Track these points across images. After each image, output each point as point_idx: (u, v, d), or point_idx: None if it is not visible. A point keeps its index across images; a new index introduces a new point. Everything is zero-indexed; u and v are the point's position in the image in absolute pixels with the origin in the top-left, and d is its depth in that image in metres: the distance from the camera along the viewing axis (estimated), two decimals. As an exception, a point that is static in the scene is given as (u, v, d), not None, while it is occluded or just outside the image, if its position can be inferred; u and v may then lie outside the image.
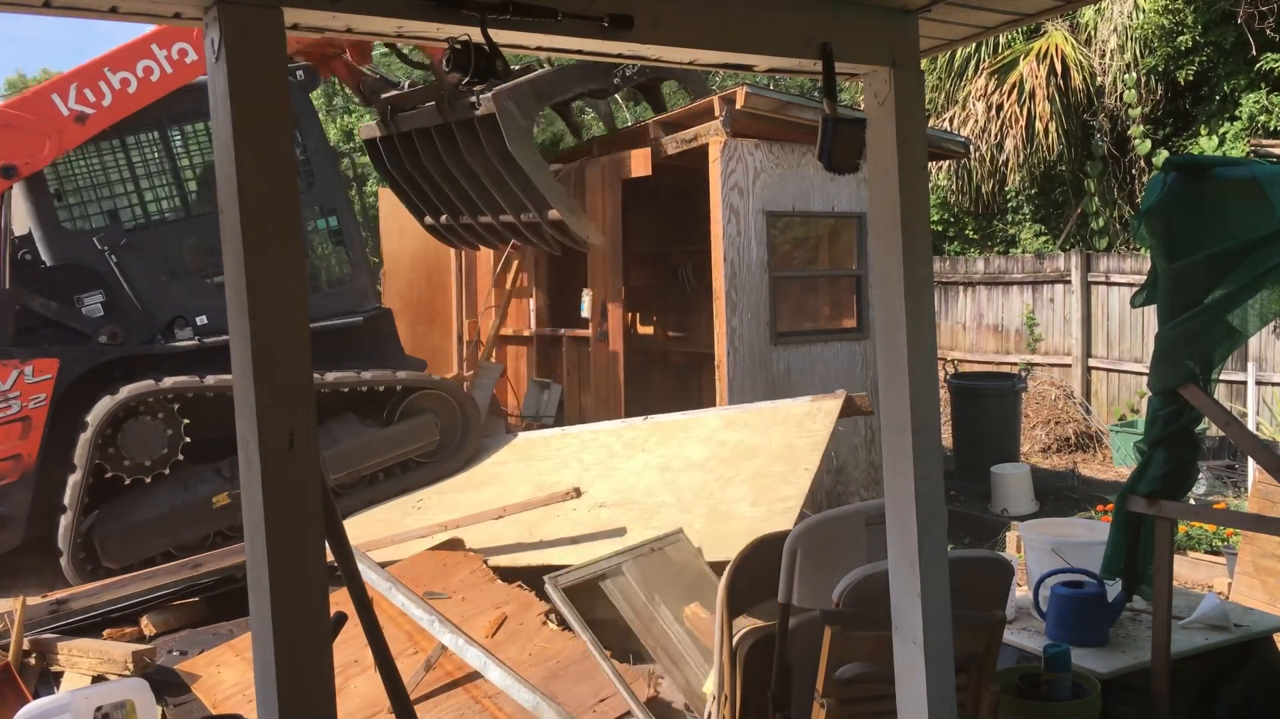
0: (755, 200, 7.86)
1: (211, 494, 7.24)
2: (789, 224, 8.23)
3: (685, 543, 5.36)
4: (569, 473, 6.83)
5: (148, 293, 7.54)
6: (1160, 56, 12.06)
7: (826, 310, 8.60)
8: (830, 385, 8.01)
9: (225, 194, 1.88)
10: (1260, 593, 6.18)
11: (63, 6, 1.99)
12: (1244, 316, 3.65)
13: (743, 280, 7.81)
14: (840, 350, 8.29)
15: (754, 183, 7.86)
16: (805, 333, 8.23)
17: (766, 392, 7.81)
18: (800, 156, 8.05)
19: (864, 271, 8.39)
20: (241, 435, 1.90)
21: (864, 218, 8.25)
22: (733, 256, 7.77)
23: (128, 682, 5.07)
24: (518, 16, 2.07)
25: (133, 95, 7.29)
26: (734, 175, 7.78)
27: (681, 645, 4.66)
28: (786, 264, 8.21)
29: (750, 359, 7.84)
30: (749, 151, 7.83)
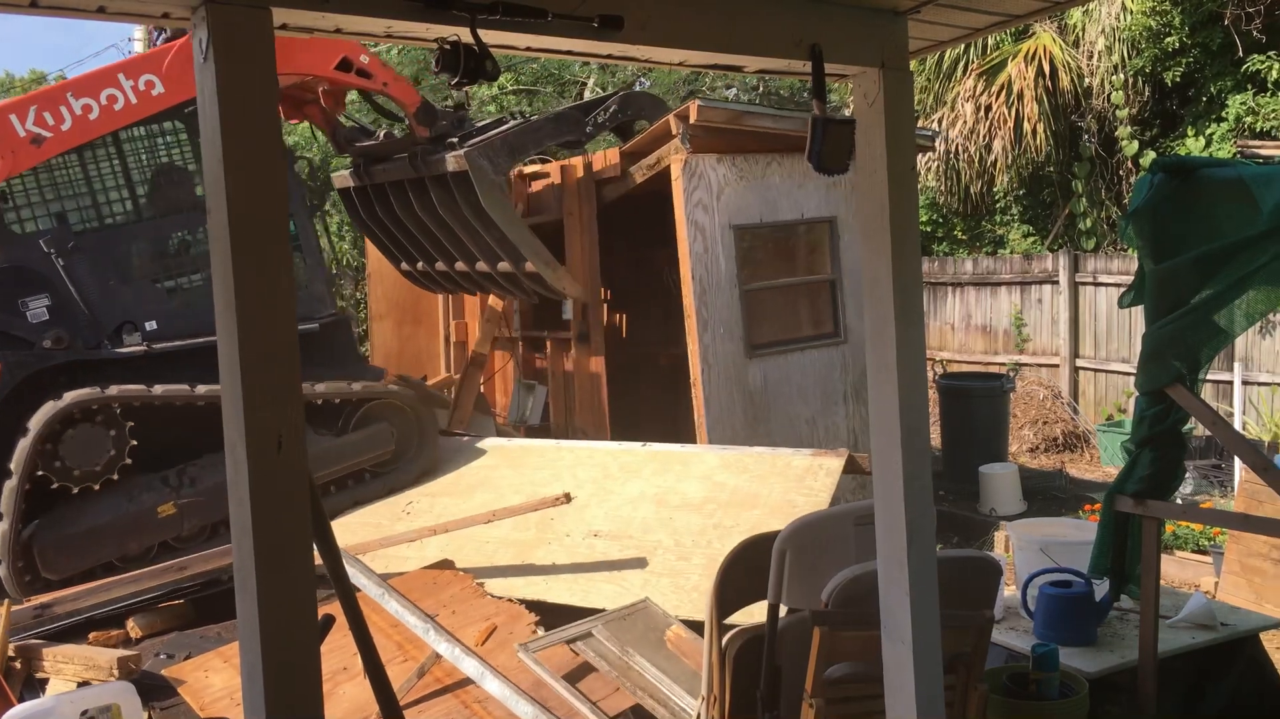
0: (721, 215, 7.72)
1: (156, 504, 7.03)
2: (758, 235, 8.08)
3: (653, 609, 5.37)
4: (562, 487, 6.72)
5: (95, 297, 7.34)
6: (1147, 58, 12.11)
7: (802, 318, 8.44)
8: (810, 395, 8.02)
9: (213, 194, 1.88)
10: (1247, 592, 6.21)
11: (50, 6, 1.98)
12: (1230, 317, 3.67)
13: (713, 296, 7.69)
14: (818, 358, 8.19)
15: (718, 198, 7.72)
16: (781, 343, 8.06)
17: (744, 405, 7.72)
18: (765, 167, 7.91)
19: (838, 276, 8.23)
20: (229, 437, 1.89)
21: (835, 222, 8.15)
22: (701, 273, 7.65)
23: (113, 685, 5.05)
24: (507, 17, 2.06)
25: (94, 122, 7.19)
26: (697, 192, 7.64)
27: (660, 684, 4.67)
28: (758, 275, 8.04)
29: (725, 374, 7.73)
30: (711, 167, 7.69)
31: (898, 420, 2.63)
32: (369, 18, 2.02)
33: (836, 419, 8.16)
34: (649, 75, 19.79)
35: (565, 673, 4.77)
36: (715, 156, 7.72)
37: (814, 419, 8.06)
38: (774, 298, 8.19)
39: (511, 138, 7.81)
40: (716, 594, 3.43)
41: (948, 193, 13.83)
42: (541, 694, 4.65)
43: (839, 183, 8.02)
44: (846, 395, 8.21)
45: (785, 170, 7.96)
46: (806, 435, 7.94)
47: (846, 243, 8.19)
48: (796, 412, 7.99)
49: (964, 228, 14.54)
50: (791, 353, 8.05)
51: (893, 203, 2.62)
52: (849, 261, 8.16)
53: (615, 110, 8.47)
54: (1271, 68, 11.18)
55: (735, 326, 7.77)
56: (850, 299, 8.18)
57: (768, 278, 8.10)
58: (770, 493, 6.10)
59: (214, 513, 7.20)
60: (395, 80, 8.23)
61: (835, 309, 8.27)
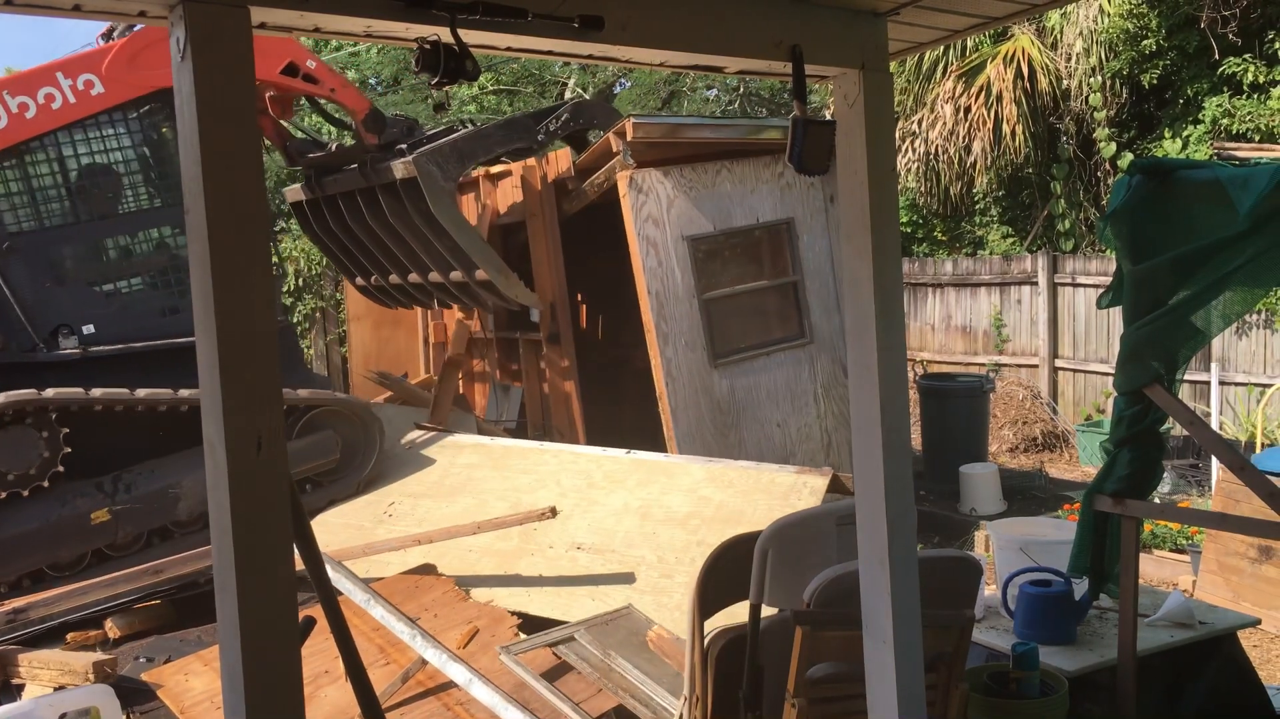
0: (673, 227, 7.65)
1: (90, 510, 6.92)
2: (714, 244, 7.98)
3: (635, 614, 5.36)
4: (546, 494, 6.69)
5: (31, 299, 7.27)
6: (1124, 60, 12.19)
7: (766, 323, 8.31)
8: (779, 398, 7.97)
9: (190, 193, 1.86)
10: (1224, 590, 6.26)
11: (25, 4, 1.96)
12: (1208, 318, 3.69)
13: (671, 310, 7.60)
14: (785, 360, 8.12)
15: (669, 210, 7.65)
16: (746, 349, 7.99)
17: (712, 416, 7.67)
18: (715, 175, 7.84)
19: (800, 278, 8.18)
20: (208, 438, 1.88)
21: (793, 223, 8.11)
22: (656, 288, 7.56)
23: (92, 688, 5.01)
24: (487, 17, 2.06)
25: (30, 120, 7.15)
26: (646, 207, 7.56)
27: (643, 685, 4.66)
28: (716, 284, 7.94)
29: (691, 387, 7.65)
30: (658, 181, 7.60)
31: (879, 420, 2.63)
32: (348, 17, 2.01)
33: (808, 420, 8.14)
34: (630, 76, 19.79)
35: (546, 675, 4.76)
36: (662, 170, 7.63)
37: (785, 422, 8.02)
38: (735, 305, 8.10)
39: (461, 144, 7.74)
40: (698, 594, 3.43)
41: (928, 194, 13.88)
42: (524, 696, 4.65)
43: (794, 184, 8.04)
44: (817, 396, 8.18)
45: (736, 177, 7.93)
46: (779, 439, 7.91)
47: (807, 243, 8.15)
48: (767, 416, 7.95)
49: (944, 229, 14.60)
50: (758, 358, 8.00)
51: (873, 204, 2.63)
52: (810, 262, 8.15)
53: (567, 119, 8.40)
54: (1247, 70, 11.27)
55: (697, 337, 7.69)
56: (814, 299, 8.16)
57: (727, 285, 8.02)
58: (755, 510, 6.05)
59: (150, 520, 7.13)
60: (343, 86, 8.16)
61: (799, 310, 8.22)
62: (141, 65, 7.51)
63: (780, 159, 7.97)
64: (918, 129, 13.52)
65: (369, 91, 22.22)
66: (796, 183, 8.06)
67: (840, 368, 8.19)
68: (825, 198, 8.15)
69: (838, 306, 8.12)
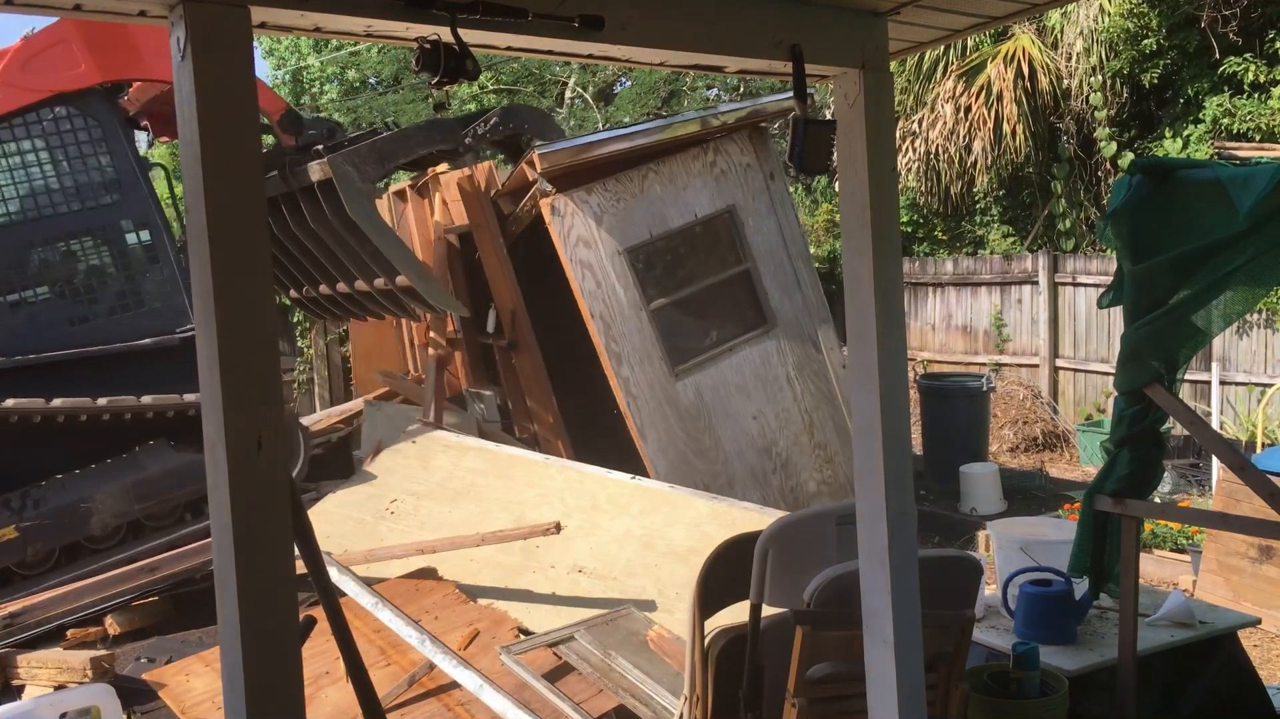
0: (606, 244, 7.36)
1: None
2: (653, 250, 7.65)
3: (635, 614, 5.35)
4: (549, 510, 6.60)
5: None
6: (1125, 60, 12.18)
7: (724, 317, 8.00)
8: (751, 390, 7.77)
9: (191, 193, 1.86)
10: (1225, 590, 6.26)
11: (25, 4, 1.96)
12: (1208, 317, 3.69)
13: (619, 328, 7.34)
14: (750, 351, 7.80)
15: (599, 228, 7.36)
16: (706, 351, 7.72)
17: (682, 426, 7.46)
18: (641, 180, 7.51)
19: (751, 264, 7.85)
20: (208, 436, 1.88)
21: (734, 210, 7.80)
22: (600, 310, 7.30)
23: (93, 687, 5.02)
24: (487, 16, 2.06)
25: None
26: (574, 231, 7.29)
27: (643, 684, 4.66)
28: (664, 291, 7.65)
29: (654, 402, 7.40)
30: (583, 200, 7.30)
31: (879, 420, 2.63)
32: (348, 16, 2.00)
33: (785, 405, 7.92)
34: (630, 75, 19.79)
35: (547, 675, 4.77)
36: (585, 188, 7.33)
37: (761, 413, 7.82)
38: (687, 308, 7.84)
39: (380, 145, 7.47)
40: (699, 594, 3.43)
41: (928, 193, 13.88)
42: (524, 696, 4.65)
43: (729, 170, 7.82)
44: (790, 378, 7.95)
45: (665, 176, 7.64)
46: (758, 431, 7.75)
47: (753, 226, 7.88)
48: (741, 411, 7.74)
49: (944, 228, 14.60)
50: (720, 356, 7.75)
51: (873, 203, 2.63)
52: (760, 245, 7.89)
53: (496, 123, 8.11)
54: (1248, 70, 11.27)
55: (652, 351, 7.44)
56: (771, 282, 7.90)
57: (675, 290, 7.74)
58: None
59: (61, 537, 6.99)
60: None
61: (756, 297, 7.93)
62: (37, 69, 7.34)
63: (708, 148, 7.75)
64: (918, 128, 13.52)
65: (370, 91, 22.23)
66: (731, 167, 7.84)
67: (811, 344, 7.99)
68: (765, 175, 7.92)
69: (797, 283, 7.95)
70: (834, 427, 8.04)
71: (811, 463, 7.99)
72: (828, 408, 8.05)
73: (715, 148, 7.80)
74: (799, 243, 8.14)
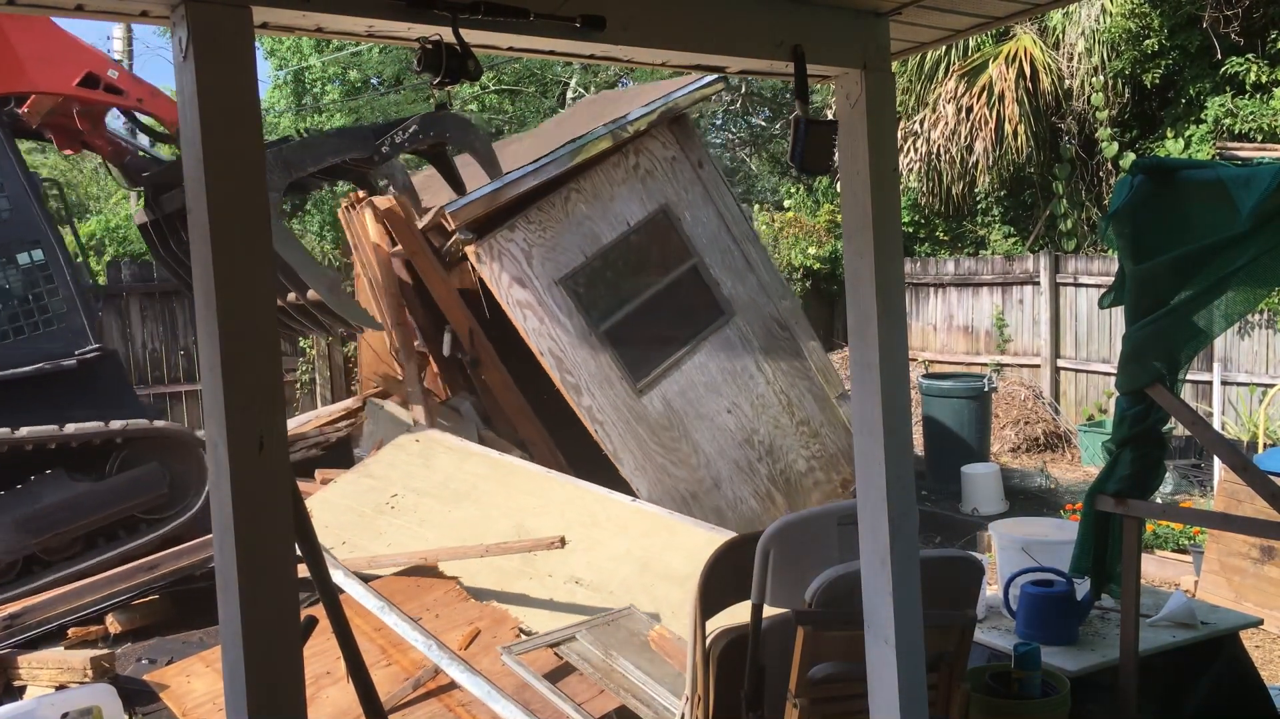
0: (542, 278, 7.16)
1: None
2: (592, 271, 7.38)
3: (637, 614, 5.34)
4: (550, 522, 6.55)
5: None
6: (1127, 60, 12.18)
7: (680, 318, 7.72)
8: (721, 385, 7.62)
9: (193, 194, 1.86)
10: (1226, 590, 6.26)
11: (28, 4, 1.96)
12: (1210, 318, 3.69)
13: (573, 358, 7.19)
14: (713, 345, 7.62)
15: (530, 263, 7.15)
16: (667, 358, 7.49)
17: (656, 439, 7.35)
18: (564, 203, 7.31)
19: (697, 257, 7.61)
20: (210, 437, 1.88)
21: (668, 208, 7.54)
22: (549, 345, 7.14)
23: (94, 687, 5.03)
24: (489, 17, 2.06)
25: None
26: (505, 272, 7.09)
27: (645, 685, 4.66)
28: (612, 309, 7.40)
29: (622, 423, 7.27)
30: (507, 239, 7.09)
31: (880, 420, 2.63)
32: (350, 17, 2.01)
33: (758, 391, 7.78)
34: (632, 75, 19.78)
35: (548, 676, 4.77)
36: (507, 227, 7.11)
37: (735, 405, 7.70)
38: (639, 320, 7.57)
39: (286, 152, 7.11)
40: (700, 594, 3.43)
41: (929, 194, 13.89)
42: (525, 697, 4.65)
43: (654, 169, 7.59)
44: (758, 363, 7.79)
45: (588, 194, 7.40)
46: (735, 425, 7.66)
47: (691, 220, 7.64)
48: (714, 408, 7.63)
49: (946, 228, 14.60)
50: (682, 360, 7.57)
51: (875, 203, 2.63)
52: (702, 236, 7.66)
53: (415, 131, 7.65)
54: (1250, 70, 11.26)
55: (609, 373, 7.31)
56: (720, 270, 7.68)
57: (623, 305, 7.49)
58: None
59: None
60: (152, 95, 7.53)
61: (708, 289, 7.71)
62: None
63: (628, 150, 7.47)
64: (920, 129, 13.52)
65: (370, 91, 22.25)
66: (656, 165, 7.59)
67: (774, 323, 7.80)
68: (693, 165, 7.66)
69: (748, 265, 7.74)
70: (813, 399, 7.90)
71: (797, 441, 7.87)
72: (804, 382, 7.88)
73: (635, 149, 7.52)
74: (741, 223, 7.91)
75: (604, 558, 6.28)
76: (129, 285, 12.19)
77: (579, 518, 6.66)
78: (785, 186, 17.63)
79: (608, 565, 6.21)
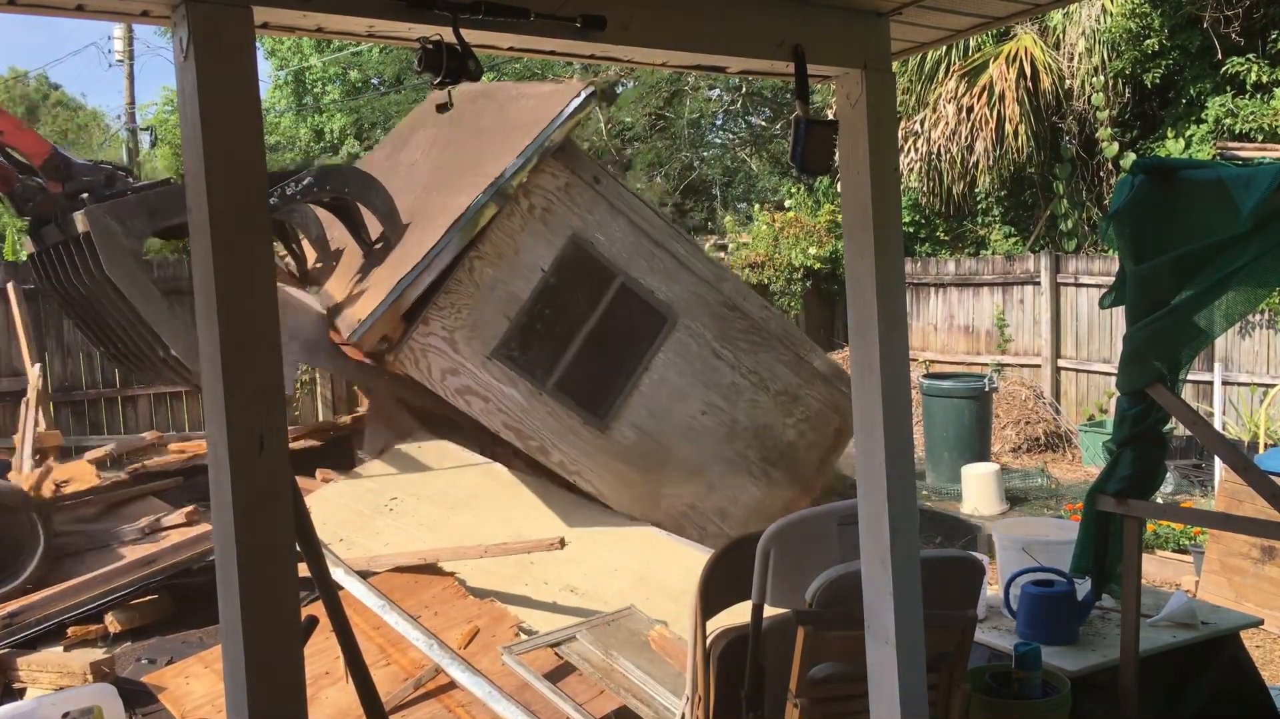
0: (472, 359, 6.85)
1: None
2: (521, 330, 7.05)
3: (637, 614, 5.33)
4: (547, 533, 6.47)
5: None
6: (1127, 60, 12.18)
7: (626, 340, 7.36)
8: (687, 391, 7.41)
9: (193, 194, 1.86)
10: (1227, 590, 6.25)
11: (28, 4, 1.96)
12: (1210, 318, 3.69)
13: (531, 423, 6.99)
14: (667, 355, 7.34)
15: (457, 348, 6.83)
16: (624, 385, 7.24)
17: (636, 467, 7.18)
18: (470, 275, 6.87)
19: (622, 273, 7.21)
20: (210, 437, 1.88)
21: (576, 236, 7.11)
22: (502, 421, 6.93)
23: (95, 687, 5.03)
24: (490, 17, 2.06)
25: None
26: (435, 366, 6.79)
27: (645, 685, 4.66)
28: (554, 360, 7.08)
29: (598, 466, 7.07)
30: (425, 335, 6.77)
31: (881, 420, 2.63)
32: (351, 17, 2.01)
33: (726, 380, 7.53)
34: (633, 75, 19.78)
35: (548, 676, 4.77)
36: (421, 322, 6.77)
37: (708, 403, 7.47)
38: (586, 358, 7.22)
39: (153, 198, 6.65)
40: (701, 595, 3.43)
41: (930, 193, 13.88)
42: (526, 697, 4.65)
43: (551, 204, 7.01)
44: (716, 353, 7.50)
45: (492, 255, 6.96)
46: (713, 423, 7.48)
47: (605, 238, 7.20)
48: (687, 414, 7.42)
49: (946, 228, 14.60)
50: (640, 381, 7.29)
51: (875, 203, 2.63)
52: (621, 251, 7.22)
53: (310, 184, 7.34)
54: (1250, 70, 11.26)
55: (570, 422, 7.10)
56: (650, 277, 7.32)
57: (564, 351, 7.13)
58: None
59: None
60: (16, 129, 7.13)
61: (645, 301, 7.32)
62: None
63: (517, 195, 6.96)
64: (920, 129, 13.52)
65: (371, 91, 22.25)
66: (552, 198, 7.10)
67: (723, 307, 7.49)
68: (589, 182, 7.18)
69: (676, 262, 7.39)
70: (784, 366, 7.69)
71: (780, 413, 7.70)
72: (769, 353, 7.64)
73: (524, 192, 7.02)
74: (658, 224, 7.52)
75: (601, 569, 6.28)
76: None
77: (578, 530, 6.65)
78: (786, 186, 17.63)
79: (604, 576, 6.21)
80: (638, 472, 7.25)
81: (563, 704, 4.55)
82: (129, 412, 12.00)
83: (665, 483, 7.33)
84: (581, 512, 6.95)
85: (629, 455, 7.23)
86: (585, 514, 6.93)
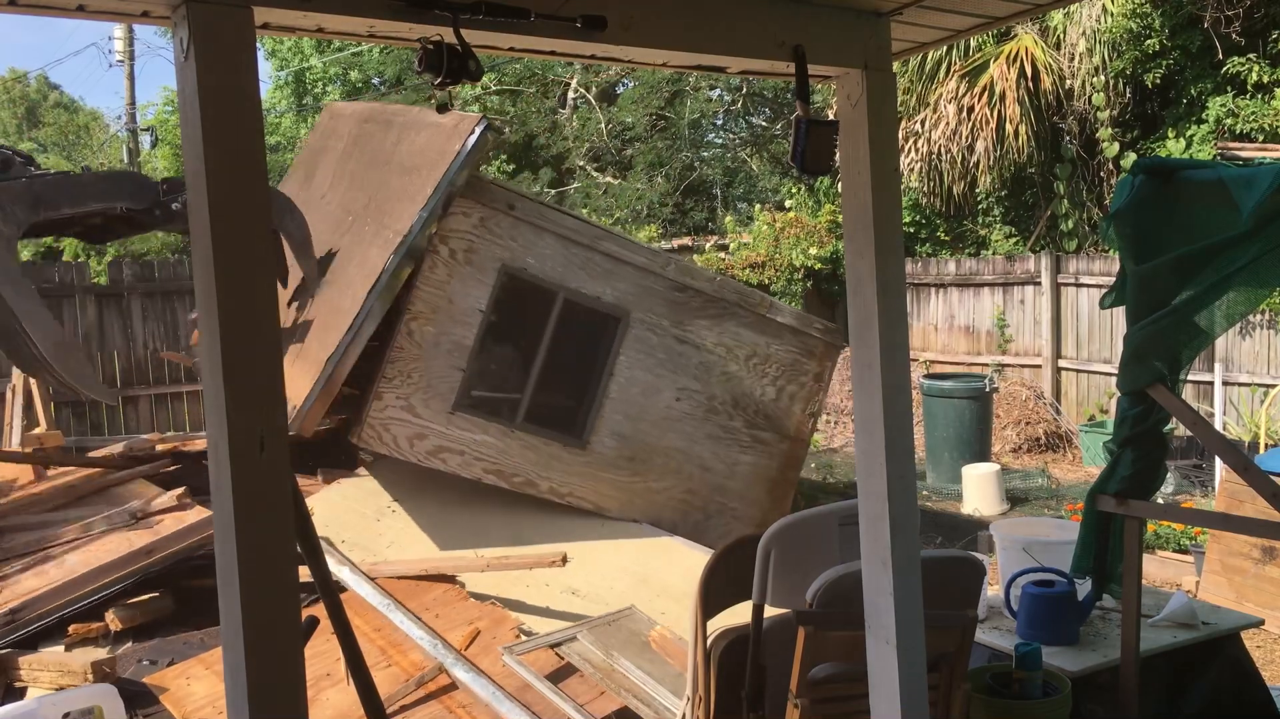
0: (435, 420, 6.67)
1: None
2: (480, 375, 6.99)
3: (637, 614, 5.33)
4: (550, 537, 6.50)
5: None
6: (1128, 60, 12.18)
7: (583, 355, 7.23)
8: (659, 385, 7.27)
9: (194, 194, 1.86)
10: (1227, 591, 6.26)
11: (29, 5, 1.96)
12: (1211, 318, 3.69)
13: (509, 464, 6.87)
14: (629, 353, 7.15)
15: (417, 413, 6.64)
16: (594, 394, 7.10)
17: (628, 477, 7.12)
18: (409, 336, 6.61)
19: (562, 288, 6.93)
20: (211, 438, 1.88)
21: (506, 265, 6.79)
22: (481, 469, 6.80)
23: (96, 688, 5.03)
24: (490, 17, 2.06)
25: None
26: (400, 438, 6.61)
27: (645, 685, 4.66)
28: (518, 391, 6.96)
29: (588, 481, 7.01)
30: (380, 410, 6.55)
31: (881, 420, 2.63)
32: (351, 17, 2.01)
33: (693, 361, 7.37)
34: (633, 75, 19.79)
35: (550, 677, 4.77)
36: (374, 399, 6.56)
37: (681, 388, 7.33)
38: (548, 383, 7.06)
39: (39, 188, 6.33)
40: (701, 595, 3.43)
41: (930, 194, 13.88)
42: (527, 698, 4.65)
43: (474, 243, 6.73)
44: (678, 338, 7.34)
45: (426, 313, 6.67)
46: (690, 405, 7.35)
47: (535, 261, 6.91)
48: (662, 405, 7.29)
49: (947, 229, 14.60)
50: (607, 388, 7.13)
51: (876, 203, 2.63)
52: (552, 267, 6.93)
53: None
54: (1251, 70, 11.26)
55: (548, 449, 6.98)
56: (592, 283, 7.04)
57: (526, 383, 6.97)
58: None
59: None
60: None
61: (592, 309, 7.11)
62: None
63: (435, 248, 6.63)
64: (920, 129, 13.52)
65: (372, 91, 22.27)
66: (472, 238, 6.74)
67: (673, 290, 7.26)
68: (505, 209, 6.82)
69: (611, 260, 7.17)
70: (747, 329, 7.51)
71: (754, 377, 7.59)
72: (730, 320, 7.49)
73: (439, 238, 6.68)
74: (584, 229, 7.26)
75: (603, 571, 6.28)
76: (130, 285, 12.23)
77: (579, 535, 6.65)
78: (786, 187, 17.63)
79: (606, 579, 6.21)
80: (628, 476, 7.20)
81: (563, 705, 4.55)
82: (129, 412, 12.03)
83: (658, 478, 7.30)
84: (582, 523, 6.94)
85: (616, 463, 7.16)
86: (585, 526, 6.93)
